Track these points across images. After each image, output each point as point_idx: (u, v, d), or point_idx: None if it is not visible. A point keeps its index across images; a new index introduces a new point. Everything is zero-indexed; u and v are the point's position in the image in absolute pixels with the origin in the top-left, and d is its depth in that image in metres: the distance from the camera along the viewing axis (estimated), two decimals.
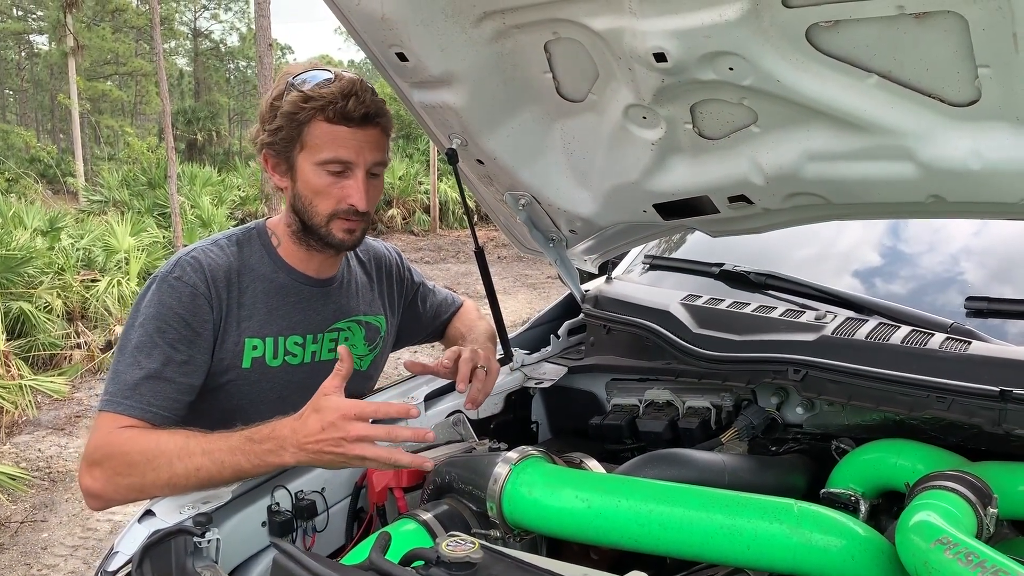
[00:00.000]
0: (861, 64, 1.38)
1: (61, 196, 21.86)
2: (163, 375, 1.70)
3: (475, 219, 1.97)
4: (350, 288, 2.01)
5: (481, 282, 2.18)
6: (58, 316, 9.40)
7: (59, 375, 8.82)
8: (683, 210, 1.86)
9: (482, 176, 1.97)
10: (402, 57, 1.68)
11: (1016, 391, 1.46)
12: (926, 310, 1.79)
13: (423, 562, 1.22)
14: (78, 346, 9.59)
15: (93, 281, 10.11)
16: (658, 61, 1.48)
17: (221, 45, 34.94)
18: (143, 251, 11.06)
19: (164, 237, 11.84)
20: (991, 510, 1.25)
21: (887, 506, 1.61)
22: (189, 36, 33.97)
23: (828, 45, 1.37)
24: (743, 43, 1.39)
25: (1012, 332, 1.72)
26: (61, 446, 7.17)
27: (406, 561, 1.23)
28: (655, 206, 1.88)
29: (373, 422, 1.51)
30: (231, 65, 37.07)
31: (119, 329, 9.57)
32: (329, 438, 1.48)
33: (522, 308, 11.42)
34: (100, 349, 9.62)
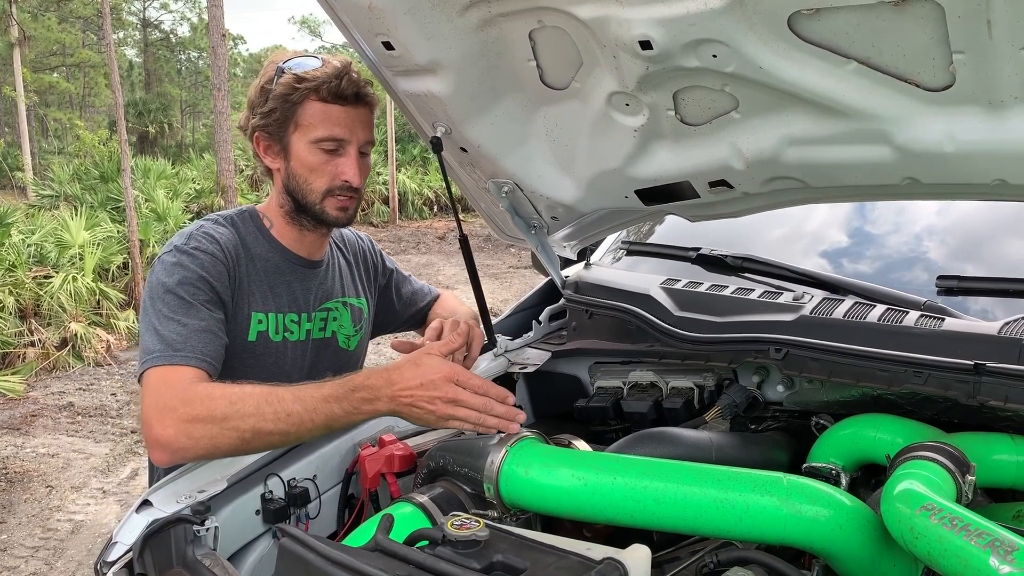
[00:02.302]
0: (841, 51, 1.42)
1: (8, 191, 21.31)
2: (210, 329, 1.72)
3: (443, 209, 2.01)
4: (335, 271, 2.07)
5: (443, 273, 2.23)
6: (10, 314, 9.20)
7: (13, 374, 8.65)
8: (664, 195, 1.90)
9: (465, 164, 1.99)
10: (388, 46, 1.68)
11: (989, 364, 1.52)
12: (898, 289, 1.85)
13: (427, 542, 1.24)
14: (32, 344, 9.40)
15: (46, 278, 9.90)
16: (643, 49, 1.51)
17: (171, 35, 34.23)
18: (98, 246, 10.87)
19: (119, 232, 11.61)
20: (969, 478, 1.31)
21: (865, 479, 1.67)
22: (138, 26, 33.23)
23: (809, 32, 1.41)
24: (727, 31, 1.43)
25: (982, 308, 1.79)
26: (17, 446, 7.03)
27: (410, 542, 1.25)
28: (636, 192, 1.92)
29: None
30: (182, 56, 36.33)
31: (75, 326, 9.45)
32: (425, 395, 1.51)
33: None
34: (55, 347, 9.44)
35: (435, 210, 21.57)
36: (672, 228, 2.48)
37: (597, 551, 1.18)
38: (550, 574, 1.14)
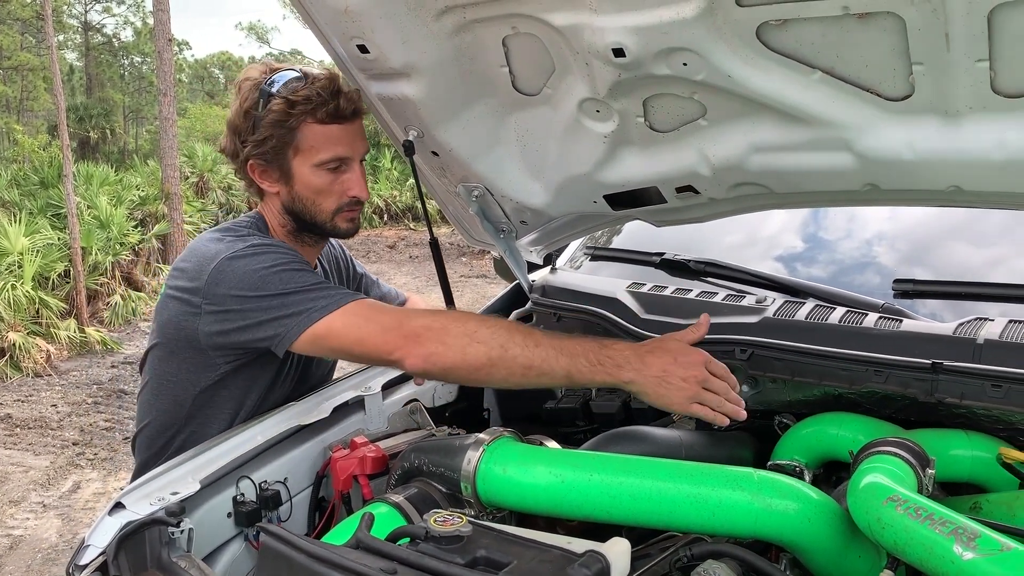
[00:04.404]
0: (806, 61, 1.48)
1: None
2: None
3: (393, 217, 2.04)
4: None
5: (393, 282, 2.28)
6: None
7: None
8: (632, 200, 1.94)
9: (436, 168, 2.00)
10: (363, 49, 1.70)
11: (946, 363, 1.59)
12: (856, 292, 1.92)
13: (409, 539, 1.25)
14: None
15: None
16: (616, 56, 1.54)
17: (114, 40, 33.50)
18: (37, 253, 10.59)
19: (59, 239, 11.33)
20: (930, 471, 1.36)
21: (826, 476, 1.72)
22: (79, 30, 32.43)
23: (777, 42, 1.46)
24: (698, 40, 1.47)
25: (937, 310, 1.86)
26: None
27: (391, 540, 1.26)
28: (605, 197, 1.95)
29: None
30: (125, 61, 35.59)
31: (12, 335, 9.18)
32: (680, 372, 1.59)
33: (437, 306, 11.38)
34: None
35: (385, 219, 21.43)
36: (634, 233, 2.52)
37: (578, 545, 1.20)
38: (534, 567, 1.16)
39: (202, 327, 1.76)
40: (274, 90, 1.77)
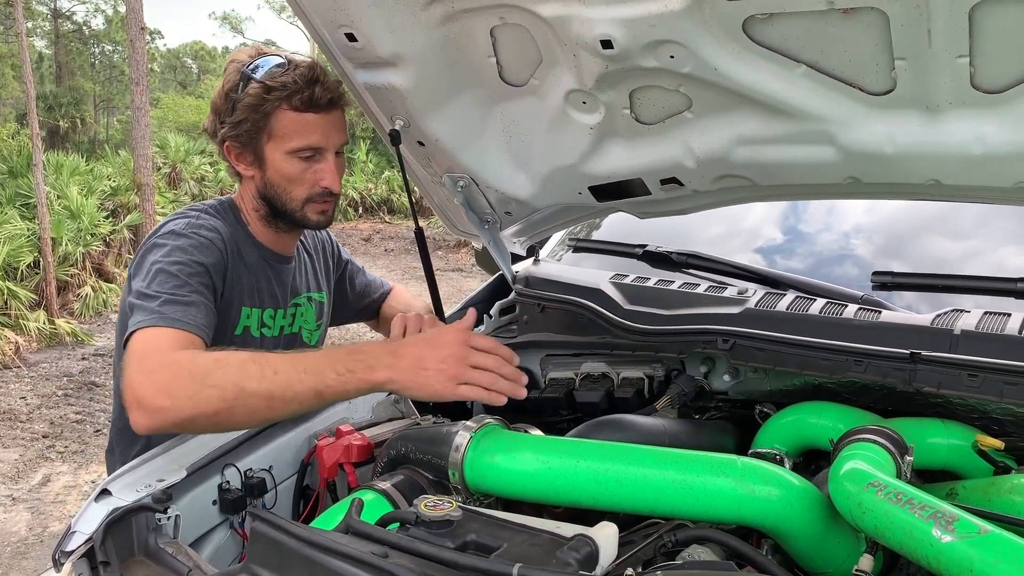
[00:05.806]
0: (791, 55, 1.50)
1: None
2: (204, 304, 1.66)
3: (368, 210, 2.04)
4: (302, 266, 2.08)
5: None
6: None
7: None
8: (617, 192, 1.96)
9: (421, 158, 2.01)
10: (351, 38, 1.69)
11: (924, 353, 1.62)
12: (836, 284, 1.95)
13: (399, 524, 1.26)
14: None
15: None
16: (604, 48, 1.56)
17: (85, 27, 32.96)
18: (5, 243, 10.44)
19: (29, 229, 11.17)
20: (908, 458, 1.39)
21: (806, 464, 1.75)
22: (48, 17, 31.89)
23: (762, 36, 1.48)
24: (685, 32, 1.49)
25: (914, 302, 1.90)
26: None
27: (382, 524, 1.27)
28: (590, 188, 1.97)
29: None
30: (96, 49, 35.02)
31: None
32: (436, 355, 1.47)
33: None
34: None
35: (360, 211, 21.33)
36: (616, 225, 2.54)
37: (567, 529, 1.22)
38: (524, 551, 1.17)
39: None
40: (255, 74, 1.77)
